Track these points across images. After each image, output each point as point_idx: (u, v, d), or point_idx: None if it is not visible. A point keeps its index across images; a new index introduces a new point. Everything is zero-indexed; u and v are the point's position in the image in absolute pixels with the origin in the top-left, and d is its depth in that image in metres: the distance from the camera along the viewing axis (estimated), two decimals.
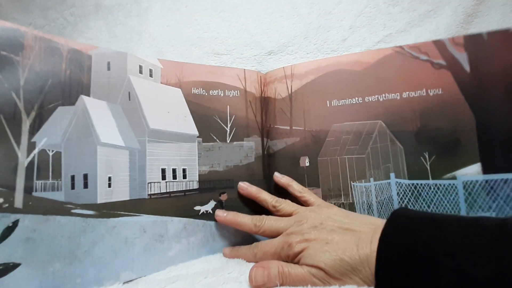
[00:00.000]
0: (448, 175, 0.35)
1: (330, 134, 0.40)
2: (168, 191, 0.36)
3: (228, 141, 0.42)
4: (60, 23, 0.43)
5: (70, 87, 0.31)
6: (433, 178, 0.35)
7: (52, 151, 0.29)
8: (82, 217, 0.28)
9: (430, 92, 0.37)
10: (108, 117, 0.33)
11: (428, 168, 0.36)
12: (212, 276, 0.31)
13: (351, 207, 0.38)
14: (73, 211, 0.28)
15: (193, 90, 0.40)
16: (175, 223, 0.35)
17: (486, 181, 0.33)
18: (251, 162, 0.42)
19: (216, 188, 0.40)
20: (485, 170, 0.33)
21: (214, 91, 0.42)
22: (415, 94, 0.37)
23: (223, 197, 0.40)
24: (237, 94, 0.43)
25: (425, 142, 0.36)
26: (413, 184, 0.36)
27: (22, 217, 0.25)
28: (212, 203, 0.39)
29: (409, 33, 0.49)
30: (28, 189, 0.26)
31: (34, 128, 0.28)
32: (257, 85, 0.45)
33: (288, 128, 0.43)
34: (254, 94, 0.44)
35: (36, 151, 0.28)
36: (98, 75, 0.33)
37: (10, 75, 0.27)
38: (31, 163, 0.27)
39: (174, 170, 0.37)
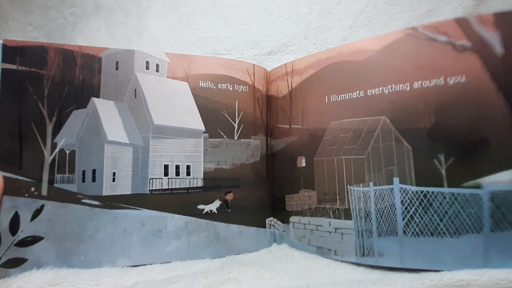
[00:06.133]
0: (470, 182, 0.31)
1: (327, 133, 0.40)
2: (170, 187, 0.40)
3: (235, 138, 0.43)
4: (60, 23, 0.48)
5: (82, 91, 0.38)
6: (449, 186, 0.32)
7: (68, 149, 0.37)
8: (89, 206, 0.37)
9: (450, 80, 0.33)
10: (115, 116, 0.39)
11: (444, 173, 0.32)
12: (212, 276, 0.34)
13: (347, 213, 0.38)
14: (82, 201, 0.37)
15: (200, 83, 0.42)
16: (175, 220, 0.39)
17: None
18: (256, 161, 0.43)
19: (221, 186, 0.42)
20: None
21: (223, 85, 0.43)
22: (430, 83, 0.34)
23: (229, 197, 0.42)
24: (246, 89, 0.44)
25: (441, 142, 0.33)
26: (422, 191, 0.33)
27: (46, 202, 0.35)
28: (217, 203, 0.41)
29: None
30: (51, 181, 0.36)
31: (55, 131, 0.37)
32: (264, 82, 0.45)
33: (288, 127, 0.43)
34: (261, 91, 0.45)
35: (57, 150, 0.37)
36: (107, 76, 0.39)
37: (37, 88, 0.37)
38: (53, 160, 0.37)
39: (177, 167, 0.41)
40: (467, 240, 0.31)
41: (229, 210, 0.42)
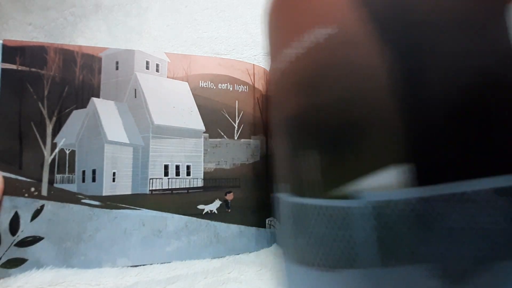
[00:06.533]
0: (336, 190, 0.19)
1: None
2: (170, 187, 0.40)
3: (235, 138, 0.43)
4: (60, 23, 0.48)
5: (82, 91, 0.39)
6: (317, 195, 0.20)
7: (68, 149, 0.38)
8: (89, 206, 0.37)
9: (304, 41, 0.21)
10: (115, 116, 0.39)
11: (318, 176, 0.20)
12: (212, 276, 0.34)
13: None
14: (82, 201, 0.37)
15: (200, 83, 0.43)
16: (175, 220, 0.39)
17: (423, 200, 0.16)
18: (256, 161, 0.43)
19: (222, 186, 0.42)
20: (421, 177, 0.16)
21: (223, 85, 0.43)
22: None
23: (229, 197, 0.42)
24: (246, 89, 0.44)
25: (303, 131, 0.22)
26: (296, 204, 0.23)
27: (46, 202, 0.36)
28: (217, 203, 0.41)
29: None
30: (51, 181, 0.36)
31: (55, 131, 0.37)
32: (263, 82, 0.45)
33: None
34: (261, 91, 0.45)
35: (57, 150, 0.37)
36: (107, 76, 0.40)
37: (37, 87, 0.37)
38: (53, 160, 0.37)
39: (177, 167, 0.41)
40: (357, 276, 0.18)
41: (229, 210, 0.42)
